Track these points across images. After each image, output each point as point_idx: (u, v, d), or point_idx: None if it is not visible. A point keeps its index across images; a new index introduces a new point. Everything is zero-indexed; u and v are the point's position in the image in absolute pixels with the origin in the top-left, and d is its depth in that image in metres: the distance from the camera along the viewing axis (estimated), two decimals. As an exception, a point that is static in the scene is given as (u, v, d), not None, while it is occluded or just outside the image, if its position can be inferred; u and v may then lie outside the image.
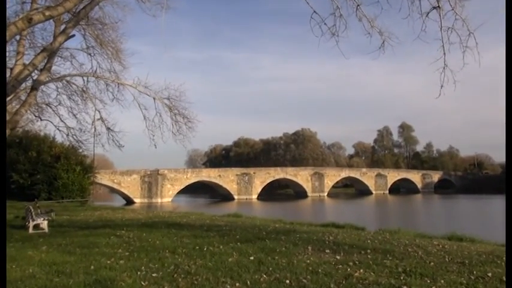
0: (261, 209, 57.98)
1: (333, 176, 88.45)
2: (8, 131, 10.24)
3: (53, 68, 14.36)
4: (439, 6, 7.72)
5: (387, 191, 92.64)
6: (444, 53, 7.91)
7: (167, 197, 68.59)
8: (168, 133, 14.78)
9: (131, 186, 66.41)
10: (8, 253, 7.94)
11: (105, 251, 8.49)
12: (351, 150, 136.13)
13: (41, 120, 17.36)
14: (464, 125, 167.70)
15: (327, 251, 8.28)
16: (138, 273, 6.69)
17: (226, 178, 75.85)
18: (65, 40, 11.70)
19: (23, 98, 13.93)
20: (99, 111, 15.36)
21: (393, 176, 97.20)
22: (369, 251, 8.31)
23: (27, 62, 11.77)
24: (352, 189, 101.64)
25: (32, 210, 13.69)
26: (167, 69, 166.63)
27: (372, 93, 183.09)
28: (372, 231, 13.31)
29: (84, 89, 15.57)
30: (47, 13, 7.55)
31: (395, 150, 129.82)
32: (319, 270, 6.71)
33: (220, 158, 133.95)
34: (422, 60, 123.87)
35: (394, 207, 59.58)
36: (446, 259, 7.79)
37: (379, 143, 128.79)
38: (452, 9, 7.69)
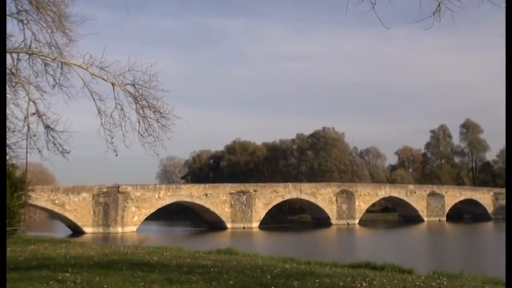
0: (265, 242, 57.79)
1: (367, 196, 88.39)
2: None
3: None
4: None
5: (444, 218, 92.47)
6: (525, 21, 7.87)
7: (131, 224, 68.53)
8: (132, 134, 14.67)
9: (80, 210, 66.35)
10: None
11: (42, 303, 8.44)
12: (393, 159, 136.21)
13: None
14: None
15: (359, 303, 8.23)
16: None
17: (216, 198, 75.82)
18: (-13, 1, 11.66)
19: None
20: (34, 103, 15.28)
21: (453, 195, 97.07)
22: (418, 303, 8.26)
23: None
24: (394, 215, 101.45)
25: None
26: (132, 43, 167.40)
27: (422, 79, 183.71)
28: (422, 275, 13.23)
29: (14, 70, 15.50)
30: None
31: (456, 160, 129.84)
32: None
33: (207, 169, 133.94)
34: (492, 31, 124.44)
35: (455, 240, 59.48)
36: (530, 316, 7.71)
37: (434, 149, 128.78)
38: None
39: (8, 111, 16.39)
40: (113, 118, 14.58)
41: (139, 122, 14.71)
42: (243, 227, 74.48)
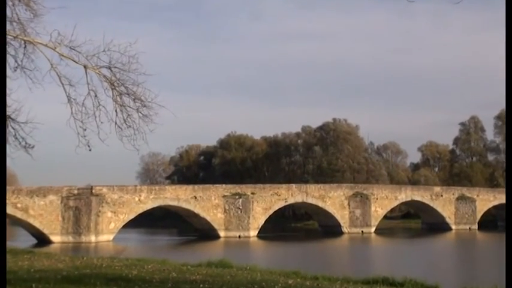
0: (264, 253, 57.87)
1: (384, 200, 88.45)
2: None
3: None
4: None
5: (476, 225, 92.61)
6: None
7: (107, 232, 68.52)
8: (109, 125, 14.67)
9: (46, 215, 66.28)
10: None
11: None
12: (415, 157, 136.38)
13: None
14: None
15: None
16: None
17: (207, 202, 75.79)
18: None
19: None
20: (-8, 89, 15.30)
21: (486, 199, 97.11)
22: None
23: None
24: (417, 222, 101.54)
25: None
26: (108, 18, 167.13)
27: (450, 62, 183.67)
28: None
29: (-32, 50, 15.51)
30: None
31: (490, 157, 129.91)
32: None
33: (197, 167, 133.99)
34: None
35: (487, 252, 59.51)
36: None
37: (463, 145, 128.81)
38: None
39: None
40: (85, 107, 14.55)
41: (116, 111, 14.68)
42: (239, 236, 74.50)
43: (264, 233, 77.41)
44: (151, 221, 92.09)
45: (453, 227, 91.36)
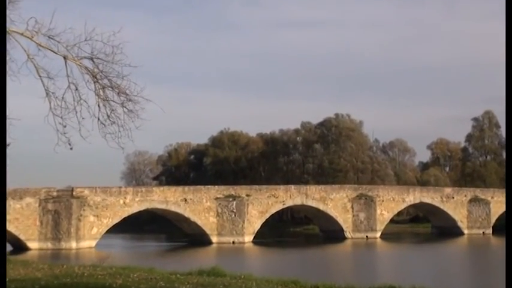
0: (260, 260, 57.88)
1: (391, 202, 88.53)
2: None
3: None
4: None
5: (490, 230, 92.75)
6: None
7: (89, 238, 68.48)
8: (91, 121, 14.66)
9: (22, 219, 66.20)
10: None
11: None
12: (424, 155, 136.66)
13: None
14: None
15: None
16: None
17: (198, 205, 75.81)
18: None
19: None
20: (-36, 82, 15.26)
21: (501, 201, 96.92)
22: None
23: None
24: (426, 226, 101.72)
25: None
26: (90, 5, 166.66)
27: (462, 54, 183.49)
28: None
29: None
30: None
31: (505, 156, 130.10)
32: None
33: (187, 167, 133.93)
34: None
35: (501, 258, 59.68)
36: None
37: (476, 143, 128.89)
38: None
39: None
40: (65, 101, 14.53)
41: (99, 106, 14.66)
42: (233, 242, 74.55)
43: (260, 238, 77.47)
44: (137, 225, 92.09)
45: (465, 231, 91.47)
